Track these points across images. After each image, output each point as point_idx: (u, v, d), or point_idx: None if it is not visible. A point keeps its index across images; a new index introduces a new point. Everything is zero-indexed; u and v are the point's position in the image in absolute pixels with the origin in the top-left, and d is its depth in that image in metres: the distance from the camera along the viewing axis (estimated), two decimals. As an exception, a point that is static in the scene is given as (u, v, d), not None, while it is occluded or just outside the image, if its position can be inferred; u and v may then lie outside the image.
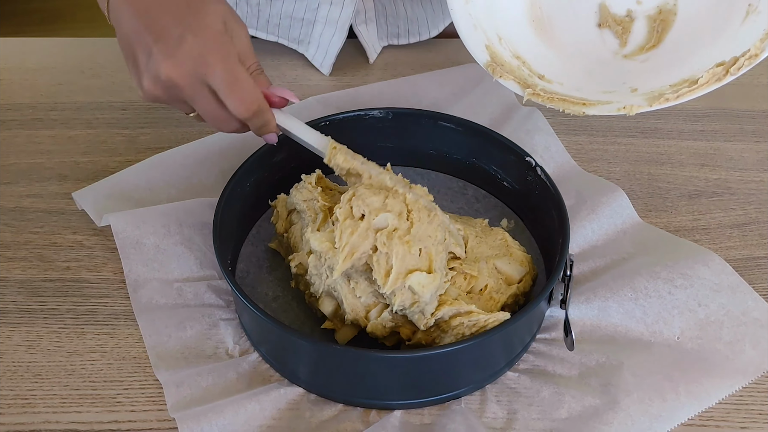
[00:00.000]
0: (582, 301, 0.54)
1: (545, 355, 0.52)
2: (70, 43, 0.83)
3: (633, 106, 0.50)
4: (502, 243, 0.55)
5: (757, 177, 0.67)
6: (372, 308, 0.50)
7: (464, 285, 0.51)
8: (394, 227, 0.48)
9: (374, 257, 0.47)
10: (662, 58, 0.55)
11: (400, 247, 0.47)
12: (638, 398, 0.49)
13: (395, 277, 0.47)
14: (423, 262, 0.48)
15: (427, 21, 0.81)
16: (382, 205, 0.48)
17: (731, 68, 0.49)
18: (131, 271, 0.57)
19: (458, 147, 0.62)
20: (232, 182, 0.55)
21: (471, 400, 0.50)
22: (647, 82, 0.53)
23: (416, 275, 0.47)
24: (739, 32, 0.51)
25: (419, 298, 0.47)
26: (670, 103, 0.50)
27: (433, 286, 0.47)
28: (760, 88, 0.76)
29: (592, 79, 0.55)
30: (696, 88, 0.50)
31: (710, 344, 0.52)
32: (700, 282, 0.55)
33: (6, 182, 0.66)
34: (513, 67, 0.55)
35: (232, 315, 0.55)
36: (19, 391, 0.51)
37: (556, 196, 0.55)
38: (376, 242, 0.47)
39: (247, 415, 0.48)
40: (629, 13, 0.57)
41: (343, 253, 0.47)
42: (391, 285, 0.47)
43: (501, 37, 0.56)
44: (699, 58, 0.52)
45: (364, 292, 0.49)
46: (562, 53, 0.57)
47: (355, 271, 0.49)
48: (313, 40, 0.77)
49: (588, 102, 0.51)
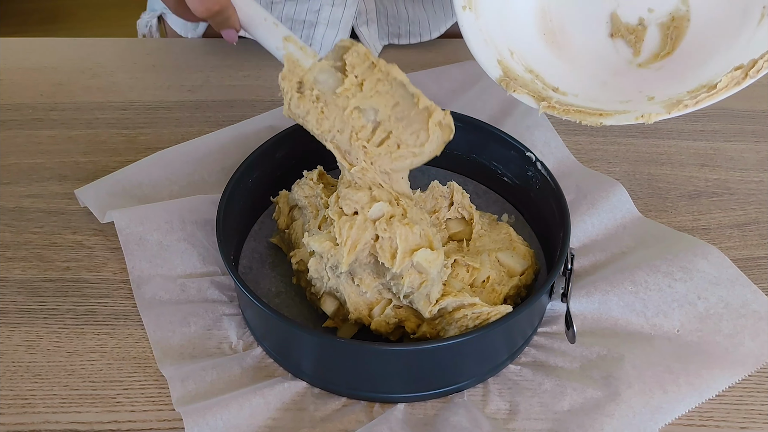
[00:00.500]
0: (583, 295, 0.55)
1: (547, 348, 0.53)
2: (70, 43, 0.83)
3: (651, 114, 0.49)
4: (506, 237, 0.55)
5: (757, 177, 0.67)
6: (375, 305, 0.50)
7: (467, 277, 0.52)
8: (390, 214, 0.48)
9: (377, 245, 0.48)
10: (678, 65, 0.54)
11: (402, 228, 0.48)
12: (639, 390, 0.49)
13: (402, 256, 0.47)
14: (424, 240, 0.48)
15: (428, 23, 0.81)
16: (371, 197, 0.49)
17: (750, 71, 0.49)
18: (135, 268, 0.57)
19: (458, 143, 0.62)
20: (234, 179, 0.56)
21: (473, 393, 0.50)
22: (664, 89, 0.52)
23: (422, 252, 0.47)
24: (755, 35, 0.50)
25: (427, 275, 0.48)
26: (689, 109, 0.49)
27: (438, 262, 0.48)
28: (760, 88, 0.76)
29: (607, 89, 0.55)
30: (715, 93, 0.49)
31: (710, 337, 0.53)
32: (700, 275, 0.55)
33: (6, 182, 0.66)
34: (526, 81, 0.54)
35: (235, 310, 0.55)
36: (19, 391, 0.51)
37: (556, 191, 0.55)
38: (376, 230, 0.48)
39: (252, 409, 0.48)
40: (641, 22, 0.57)
41: (346, 247, 0.48)
42: (400, 263, 0.47)
43: (513, 51, 0.55)
44: (716, 62, 0.51)
45: (369, 286, 0.50)
46: (576, 64, 0.56)
47: (359, 266, 0.49)
48: (315, 42, 0.78)
49: (605, 112, 0.51)
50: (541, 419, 0.49)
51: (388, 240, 0.48)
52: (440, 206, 0.56)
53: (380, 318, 0.50)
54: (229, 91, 0.76)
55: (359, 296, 0.50)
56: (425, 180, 0.65)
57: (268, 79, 0.77)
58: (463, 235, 0.56)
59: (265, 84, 0.77)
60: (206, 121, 0.72)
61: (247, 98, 0.75)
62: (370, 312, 0.51)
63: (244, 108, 0.74)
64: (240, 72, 0.78)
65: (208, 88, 0.76)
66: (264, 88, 0.76)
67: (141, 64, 0.79)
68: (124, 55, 0.80)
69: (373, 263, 0.49)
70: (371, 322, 0.51)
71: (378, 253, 0.48)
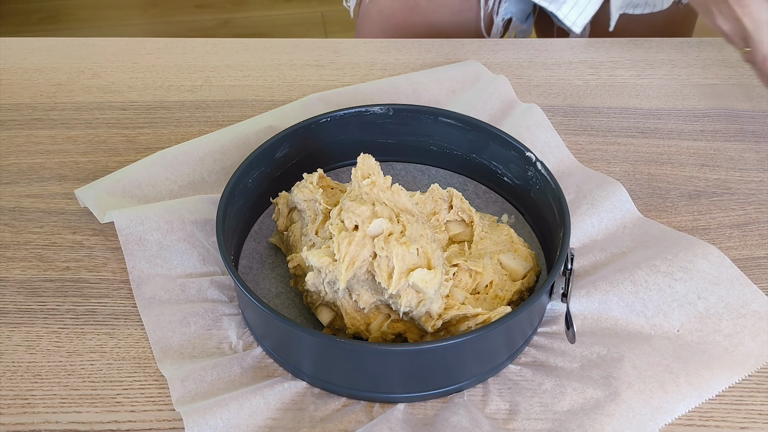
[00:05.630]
0: (583, 295, 0.55)
1: (547, 348, 0.53)
2: (70, 43, 0.83)
3: None
4: (507, 239, 0.55)
5: (757, 177, 0.67)
6: (373, 320, 0.51)
7: (469, 283, 0.52)
8: (389, 231, 0.48)
9: (375, 263, 0.48)
10: None
11: (399, 248, 0.48)
12: (639, 390, 0.49)
13: (398, 277, 0.47)
14: (422, 260, 0.48)
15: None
16: (372, 213, 0.49)
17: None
18: (134, 268, 0.57)
19: (458, 143, 0.62)
20: (234, 178, 0.56)
21: (474, 393, 0.50)
22: None
23: (418, 272, 0.48)
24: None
25: (424, 294, 0.48)
26: None
27: (435, 281, 0.48)
28: (760, 88, 0.76)
29: None
30: None
31: (710, 336, 0.53)
32: (700, 275, 0.55)
33: (6, 182, 0.66)
34: None
35: (235, 310, 0.55)
36: (19, 391, 0.51)
37: (556, 191, 0.55)
38: (374, 248, 0.48)
39: (252, 409, 0.48)
40: None
41: (344, 263, 0.48)
42: (396, 284, 0.47)
43: None
44: None
45: (367, 302, 0.50)
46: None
47: (357, 282, 0.49)
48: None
49: None
50: (541, 419, 0.49)
51: (386, 259, 0.48)
52: (440, 208, 0.56)
53: (377, 333, 0.50)
54: (229, 91, 0.76)
55: (356, 311, 0.50)
56: (425, 180, 0.65)
57: (268, 79, 0.77)
58: (464, 237, 0.56)
59: (265, 84, 0.77)
60: (206, 121, 0.72)
61: (247, 98, 0.75)
62: (367, 327, 0.51)
63: (244, 108, 0.74)
64: (240, 72, 0.78)
65: (208, 88, 0.76)
66: (264, 88, 0.76)
67: (141, 64, 0.79)
68: (124, 55, 0.80)
69: (370, 280, 0.49)
70: (369, 336, 0.51)
71: (375, 271, 0.48)
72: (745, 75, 0.78)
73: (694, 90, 0.77)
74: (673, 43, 0.82)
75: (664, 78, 0.78)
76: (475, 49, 0.80)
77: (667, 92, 0.76)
